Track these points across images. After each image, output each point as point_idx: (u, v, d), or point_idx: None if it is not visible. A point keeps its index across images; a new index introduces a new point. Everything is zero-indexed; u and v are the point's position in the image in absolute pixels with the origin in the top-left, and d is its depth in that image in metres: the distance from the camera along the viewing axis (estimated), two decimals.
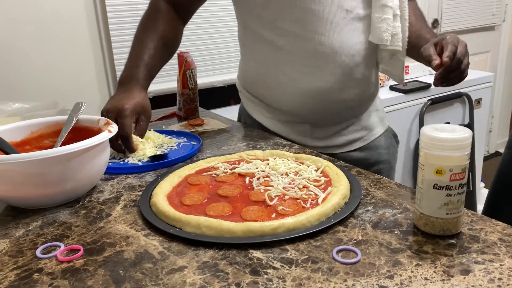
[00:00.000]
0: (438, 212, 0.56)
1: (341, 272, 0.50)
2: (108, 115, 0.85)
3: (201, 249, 0.56)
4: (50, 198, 0.69)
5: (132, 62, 0.96)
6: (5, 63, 1.64)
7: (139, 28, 1.02)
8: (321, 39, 0.92)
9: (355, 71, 0.95)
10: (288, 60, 0.96)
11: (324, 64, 0.93)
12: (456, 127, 0.56)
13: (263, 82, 1.03)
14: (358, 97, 1.00)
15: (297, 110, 1.01)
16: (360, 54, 0.95)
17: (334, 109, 0.99)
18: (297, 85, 0.96)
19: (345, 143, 1.06)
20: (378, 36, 0.94)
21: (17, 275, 0.52)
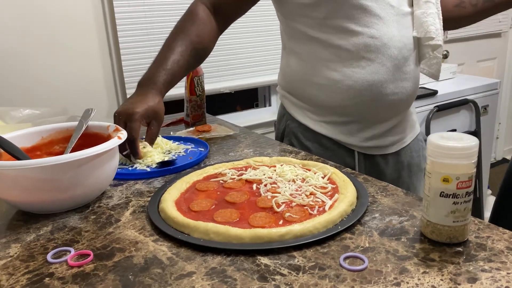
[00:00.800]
0: (445, 220, 0.56)
1: (348, 279, 0.51)
2: (119, 118, 0.85)
3: (209, 255, 0.57)
4: (60, 204, 0.70)
5: (155, 65, 0.95)
6: (17, 70, 1.67)
7: (172, 31, 1.00)
8: (371, 32, 0.95)
9: (403, 64, 0.98)
10: (340, 56, 0.97)
11: (375, 57, 0.96)
12: (463, 135, 0.56)
13: (312, 83, 1.03)
14: (406, 91, 1.02)
15: (348, 108, 1.01)
16: (407, 48, 0.98)
17: (383, 102, 1.00)
18: (350, 80, 0.97)
19: (388, 144, 1.07)
20: (426, 29, 0.98)
21: (28, 279, 0.53)
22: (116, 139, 0.73)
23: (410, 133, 1.11)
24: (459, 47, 2.93)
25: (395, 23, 0.97)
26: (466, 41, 2.97)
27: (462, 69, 2.97)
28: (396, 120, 1.05)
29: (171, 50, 0.96)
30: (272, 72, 2.30)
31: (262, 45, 2.22)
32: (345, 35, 0.96)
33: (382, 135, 1.05)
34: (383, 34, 0.95)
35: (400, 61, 0.97)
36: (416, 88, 1.06)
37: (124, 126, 0.84)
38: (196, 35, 0.99)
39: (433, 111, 2.17)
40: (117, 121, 0.85)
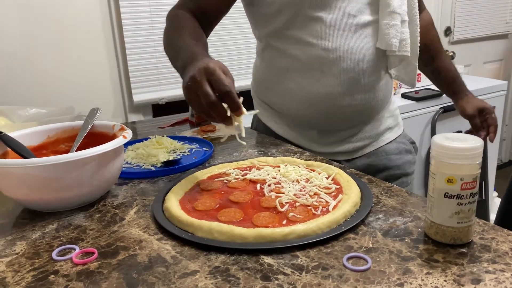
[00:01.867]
0: (449, 221, 0.56)
1: (351, 279, 0.51)
2: (197, 79, 0.68)
3: (212, 254, 0.57)
4: (65, 202, 0.70)
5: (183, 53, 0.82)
6: (24, 70, 1.68)
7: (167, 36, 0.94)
8: (325, 44, 0.93)
9: (361, 76, 0.96)
10: (295, 66, 0.97)
11: (328, 69, 0.94)
12: (468, 136, 0.56)
13: (273, 89, 1.04)
14: (366, 103, 1.00)
15: (305, 116, 1.02)
16: (367, 60, 0.96)
17: (341, 114, 0.99)
18: (305, 91, 0.98)
19: (353, 150, 1.06)
20: (387, 42, 0.95)
21: (33, 276, 0.53)
22: (121, 138, 0.73)
23: (382, 135, 1.08)
24: (466, 48, 2.92)
25: (353, 34, 0.94)
26: (472, 42, 2.95)
27: (469, 70, 2.96)
28: (358, 128, 1.04)
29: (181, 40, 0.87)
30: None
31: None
32: (300, 46, 0.95)
33: (345, 141, 1.04)
34: (338, 46, 0.93)
35: (358, 73, 0.95)
36: (382, 97, 1.03)
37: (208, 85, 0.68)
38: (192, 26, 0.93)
39: (439, 112, 2.16)
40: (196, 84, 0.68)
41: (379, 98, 1.03)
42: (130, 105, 1.94)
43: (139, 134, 1.18)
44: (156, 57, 1.93)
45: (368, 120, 1.05)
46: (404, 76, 1.08)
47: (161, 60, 1.95)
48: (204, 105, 0.68)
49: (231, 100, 0.68)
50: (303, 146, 1.04)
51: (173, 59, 0.87)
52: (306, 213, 0.65)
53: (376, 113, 1.05)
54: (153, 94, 1.96)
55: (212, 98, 0.67)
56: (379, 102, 1.04)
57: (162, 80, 1.97)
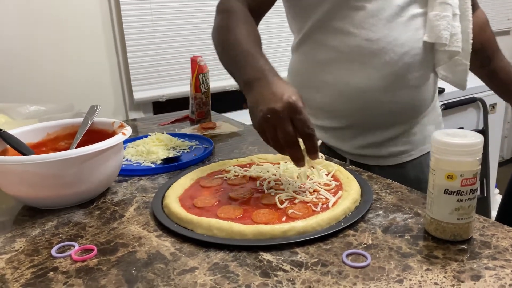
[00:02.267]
0: (449, 217, 0.56)
1: (351, 276, 0.50)
2: (279, 116, 0.63)
3: (212, 251, 0.57)
4: (65, 199, 0.70)
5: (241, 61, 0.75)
6: (23, 67, 1.68)
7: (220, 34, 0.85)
8: (367, 34, 0.88)
9: (405, 71, 0.90)
10: (334, 58, 0.92)
11: (369, 61, 0.89)
12: (468, 132, 0.56)
13: (309, 84, 0.98)
14: (408, 101, 0.93)
15: (340, 112, 0.95)
16: (412, 54, 0.89)
17: (379, 112, 0.93)
18: (342, 84, 0.92)
19: (388, 155, 0.98)
20: (437, 35, 0.89)
21: (33, 273, 0.53)
22: (120, 135, 0.73)
23: (420, 145, 1.01)
24: None
25: (398, 25, 0.88)
26: None
27: None
28: (398, 130, 0.97)
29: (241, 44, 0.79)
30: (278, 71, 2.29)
31: (268, 44, 2.21)
32: (340, 36, 0.90)
33: (380, 144, 0.97)
34: (381, 36, 0.88)
35: (401, 68, 0.89)
36: (427, 97, 0.97)
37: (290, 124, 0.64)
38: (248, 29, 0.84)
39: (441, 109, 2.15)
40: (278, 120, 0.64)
41: (423, 97, 0.96)
42: (130, 103, 1.94)
43: (140, 131, 1.18)
44: (157, 55, 1.93)
45: (408, 122, 0.97)
46: (452, 77, 0.99)
47: (161, 58, 1.95)
48: (281, 142, 0.65)
49: (311, 144, 0.65)
50: (333, 146, 0.99)
51: (228, 65, 0.80)
52: (305, 210, 0.65)
53: (417, 115, 0.98)
54: (154, 92, 1.96)
55: (293, 138, 0.64)
56: (422, 103, 0.97)
57: (162, 78, 1.97)
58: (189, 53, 1.85)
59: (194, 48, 2.00)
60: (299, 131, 0.64)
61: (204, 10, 1.99)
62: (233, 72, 0.78)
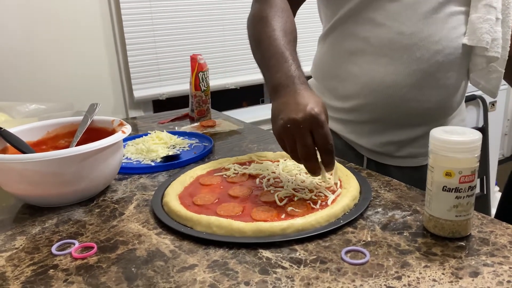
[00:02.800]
0: (447, 214, 0.56)
1: (349, 273, 0.51)
2: (300, 126, 0.63)
3: (211, 248, 0.57)
4: (65, 197, 0.71)
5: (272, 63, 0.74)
6: (23, 66, 1.68)
7: (254, 28, 0.83)
8: (400, 28, 0.84)
9: (435, 70, 0.86)
10: (363, 49, 0.89)
11: (399, 56, 0.85)
12: (466, 129, 0.56)
13: (334, 73, 0.95)
14: (435, 101, 0.89)
15: (363, 106, 0.92)
16: (446, 53, 0.85)
17: (403, 109, 0.89)
18: (368, 76, 0.89)
19: (407, 155, 0.95)
20: (478, 38, 0.84)
21: (33, 270, 0.54)
22: (120, 133, 0.74)
23: None
24: None
25: (436, 22, 0.84)
26: None
27: None
28: (420, 131, 0.93)
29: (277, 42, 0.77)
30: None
31: None
32: (372, 28, 0.87)
33: (400, 143, 0.94)
34: (415, 31, 0.83)
35: (432, 66, 0.85)
36: (456, 100, 0.93)
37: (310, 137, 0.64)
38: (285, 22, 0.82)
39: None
40: (297, 132, 0.63)
41: (451, 100, 0.91)
42: (130, 101, 1.94)
43: (140, 129, 1.18)
44: (157, 53, 1.93)
45: (432, 123, 0.91)
46: (485, 83, 0.93)
47: (161, 56, 1.95)
48: (299, 153, 0.65)
49: (328, 159, 0.66)
50: (351, 140, 0.96)
51: (260, 63, 0.78)
52: (304, 207, 0.65)
53: (442, 117, 0.94)
54: (154, 90, 1.96)
55: (312, 151, 0.64)
56: (449, 105, 0.92)
57: (162, 76, 1.97)
58: (189, 51, 1.86)
59: (194, 46, 2.00)
60: (318, 146, 0.64)
61: (204, 8, 1.99)
62: (264, 72, 0.76)
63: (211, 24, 2.02)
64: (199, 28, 2.01)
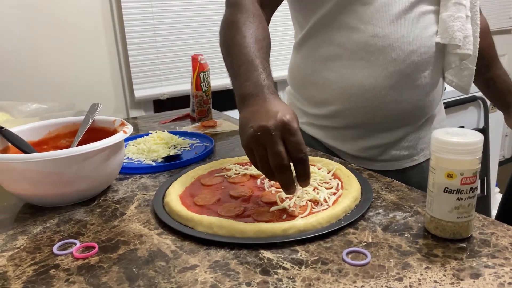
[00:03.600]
0: (448, 215, 0.56)
1: (351, 274, 0.51)
2: (271, 133, 0.58)
3: (212, 249, 0.57)
4: (66, 197, 0.71)
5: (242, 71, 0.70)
6: (25, 66, 1.68)
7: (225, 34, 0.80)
8: (374, 30, 0.85)
9: (412, 70, 0.87)
10: (338, 55, 0.89)
11: (375, 59, 0.86)
12: (468, 131, 0.56)
13: (311, 81, 0.96)
14: (413, 102, 0.90)
15: (343, 111, 0.92)
16: (420, 52, 0.86)
17: (383, 112, 0.90)
18: (345, 82, 0.89)
19: (390, 159, 0.96)
20: (451, 36, 0.86)
21: (34, 270, 0.54)
22: (121, 133, 0.74)
23: (424, 150, 0.98)
24: None
25: (408, 22, 0.85)
26: None
27: None
28: (401, 133, 0.94)
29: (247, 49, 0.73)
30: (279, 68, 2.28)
31: None
32: (346, 32, 0.88)
33: (382, 147, 0.95)
34: (388, 33, 0.85)
35: (408, 66, 0.86)
36: (434, 99, 0.94)
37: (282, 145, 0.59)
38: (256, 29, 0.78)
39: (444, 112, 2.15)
40: (268, 139, 0.58)
41: (430, 99, 0.93)
42: (131, 101, 1.94)
43: (140, 129, 1.18)
44: (158, 53, 1.94)
45: (413, 124, 0.94)
46: (458, 81, 0.96)
47: (162, 56, 1.95)
48: (270, 165, 0.59)
49: (302, 169, 0.60)
50: (333, 147, 0.97)
51: (230, 70, 0.74)
52: (306, 208, 0.65)
53: (423, 118, 0.95)
54: (155, 90, 1.96)
55: (285, 161, 0.58)
56: (429, 105, 0.93)
57: (163, 76, 1.98)
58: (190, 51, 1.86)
59: (195, 47, 2.00)
60: (291, 155, 0.59)
61: (205, 8, 1.99)
62: (232, 80, 0.73)
63: (212, 24, 2.02)
64: (200, 28, 2.01)
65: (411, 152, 0.97)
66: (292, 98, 1.07)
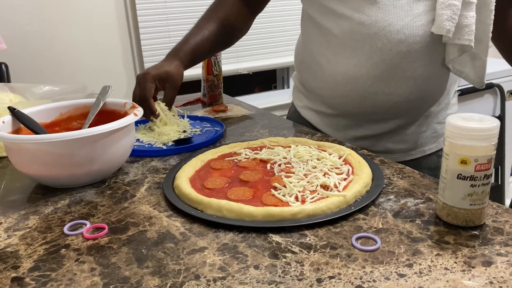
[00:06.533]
0: (461, 202, 0.55)
1: (360, 259, 0.50)
2: (136, 81, 0.92)
3: (221, 232, 0.57)
4: (77, 178, 0.71)
5: (181, 40, 1.00)
6: (37, 48, 1.69)
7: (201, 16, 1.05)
8: (361, 18, 0.82)
9: (400, 60, 0.83)
10: (328, 40, 0.88)
11: (361, 47, 0.83)
12: (484, 116, 0.55)
13: (308, 66, 0.96)
14: (403, 94, 0.86)
15: (334, 99, 0.92)
16: (409, 42, 0.82)
17: (371, 103, 0.87)
18: (333, 69, 0.88)
19: (382, 151, 0.93)
20: (439, 25, 0.80)
21: (46, 249, 0.54)
22: (132, 115, 0.74)
23: (423, 146, 0.95)
24: None
25: (398, 10, 0.81)
26: None
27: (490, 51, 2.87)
28: (394, 125, 0.91)
29: (199, 28, 1.01)
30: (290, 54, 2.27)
31: (281, 26, 2.19)
32: (335, 18, 0.86)
33: (374, 138, 0.93)
34: (374, 21, 0.81)
35: (396, 57, 0.82)
36: (433, 92, 0.89)
37: (138, 88, 0.90)
38: (224, 16, 1.01)
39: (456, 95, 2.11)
40: (136, 85, 0.92)
41: (423, 92, 0.88)
42: None
43: None
44: (170, 36, 1.93)
45: (405, 117, 0.91)
46: (469, 72, 0.88)
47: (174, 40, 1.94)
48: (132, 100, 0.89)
49: (144, 107, 0.86)
50: (328, 134, 0.95)
51: None
52: (315, 193, 0.64)
53: (418, 111, 0.91)
54: None
55: (136, 99, 0.90)
56: (423, 97, 0.89)
57: None
58: None
59: None
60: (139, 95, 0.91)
61: None
62: None
63: None
64: None
65: (407, 146, 0.94)
66: (296, 81, 1.08)
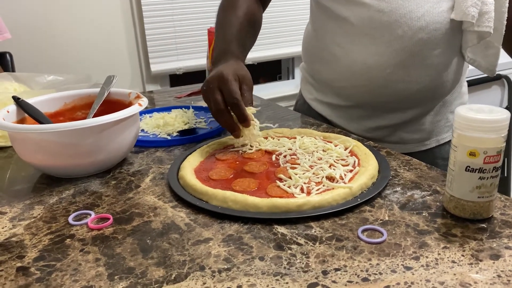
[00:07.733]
0: (469, 195, 0.54)
1: (366, 251, 0.50)
2: (209, 86, 0.74)
3: (226, 223, 0.57)
4: (82, 168, 0.71)
5: (221, 41, 0.87)
6: (42, 38, 1.68)
7: (220, 11, 0.94)
8: (380, 5, 0.81)
9: (420, 48, 0.82)
10: (344, 29, 0.87)
11: (380, 35, 0.82)
12: (494, 108, 0.54)
13: (319, 56, 0.94)
14: (422, 82, 0.85)
15: (349, 89, 0.90)
16: (430, 29, 0.81)
17: (390, 92, 0.86)
18: (350, 58, 0.87)
19: (397, 141, 0.92)
20: (463, 11, 0.79)
21: (50, 239, 0.54)
22: (137, 105, 0.73)
23: (437, 135, 0.94)
24: None
25: None
26: None
27: None
28: (410, 114, 0.90)
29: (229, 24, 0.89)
30: (296, 44, 2.26)
31: (286, 16, 2.17)
32: (351, 6, 0.84)
33: (389, 128, 0.92)
34: (394, 8, 0.80)
35: (416, 44, 0.81)
36: (448, 80, 0.88)
37: (219, 93, 0.73)
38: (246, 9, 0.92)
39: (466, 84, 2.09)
40: (208, 90, 0.74)
41: (442, 80, 0.87)
42: (147, 75, 1.94)
43: (156, 103, 1.17)
44: (174, 27, 1.92)
45: (422, 106, 0.90)
46: (481, 61, 0.88)
47: (179, 30, 1.93)
48: (213, 111, 0.74)
49: (237, 111, 0.72)
50: (339, 125, 0.95)
51: (216, 40, 0.90)
52: (321, 184, 0.64)
53: (434, 100, 0.90)
54: (171, 64, 1.95)
55: (220, 106, 0.72)
56: (441, 86, 0.88)
57: (179, 50, 1.96)
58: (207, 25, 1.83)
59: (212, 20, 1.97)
60: (226, 101, 0.72)
61: None
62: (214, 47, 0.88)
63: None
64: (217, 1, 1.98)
65: (422, 136, 0.94)
66: (304, 72, 1.06)
